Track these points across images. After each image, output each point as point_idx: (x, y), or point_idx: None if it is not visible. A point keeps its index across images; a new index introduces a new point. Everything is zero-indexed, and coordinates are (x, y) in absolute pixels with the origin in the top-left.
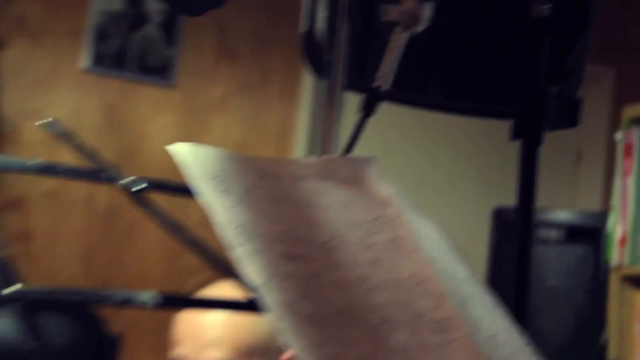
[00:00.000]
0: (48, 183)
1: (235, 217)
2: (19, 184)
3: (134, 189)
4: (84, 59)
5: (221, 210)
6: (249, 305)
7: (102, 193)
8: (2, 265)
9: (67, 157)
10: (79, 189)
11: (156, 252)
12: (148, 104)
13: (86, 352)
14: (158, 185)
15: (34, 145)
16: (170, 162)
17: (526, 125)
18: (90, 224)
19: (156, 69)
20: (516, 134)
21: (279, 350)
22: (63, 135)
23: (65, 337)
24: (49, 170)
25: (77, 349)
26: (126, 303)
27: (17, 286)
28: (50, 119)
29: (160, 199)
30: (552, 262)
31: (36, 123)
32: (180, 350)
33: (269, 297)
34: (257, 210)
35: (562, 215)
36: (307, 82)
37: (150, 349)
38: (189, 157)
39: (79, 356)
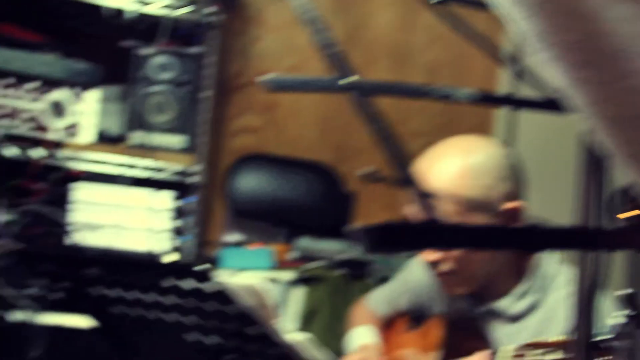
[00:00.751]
0: (289, 60)
1: (532, 26)
2: (265, 61)
3: (433, 1)
4: None
5: (518, 20)
6: (554, 105)
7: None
8: (337, 58)
9: (305, 37)
10: (316, 64)
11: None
12: None
13: (326, 206)
14: None
15: (277, 27)
16: (392, 37)
17: None
18: (326, 95)
19: None
20: None
21: (497, 206)
22: None
23: (310, 191)
24: None
25: (319, 202)
26: (446, 97)
27: (354, 77)
28: None
29: None
30: None
31: None
32: (410, 207)
33: (574, 99)
34: (550, 21)
35: None
36: None
37: (380, 207)
38: None
39: (320, 209)
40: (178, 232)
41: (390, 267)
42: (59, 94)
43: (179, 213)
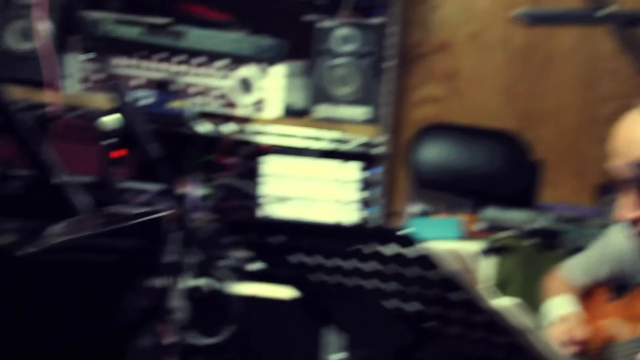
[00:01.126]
0: (470, 26)
1: None
2: (445, 29)
3: None
4: None
5: None
6: None
7: (518, 32)
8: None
9: (485, 3)
10: (497, 30)
11: (571, 83)
12: None
13: (512, 175)
14: None
15: None
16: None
17: None
18: (509, 61)
19: None
20: None
21: None
22: None
23: (495, 160)
24: None
25: (505, 171)
26: None
27: (612, 7)
28: None
29: None
30: None
31: None
32: (613, 162)
33: None
34: None
35: None
36: None
37: (569, 174)
38: None
39: (506, 178)
40: (365, 203)
41: (583, 236)
42: (246, 71)
43: (366, 184)
